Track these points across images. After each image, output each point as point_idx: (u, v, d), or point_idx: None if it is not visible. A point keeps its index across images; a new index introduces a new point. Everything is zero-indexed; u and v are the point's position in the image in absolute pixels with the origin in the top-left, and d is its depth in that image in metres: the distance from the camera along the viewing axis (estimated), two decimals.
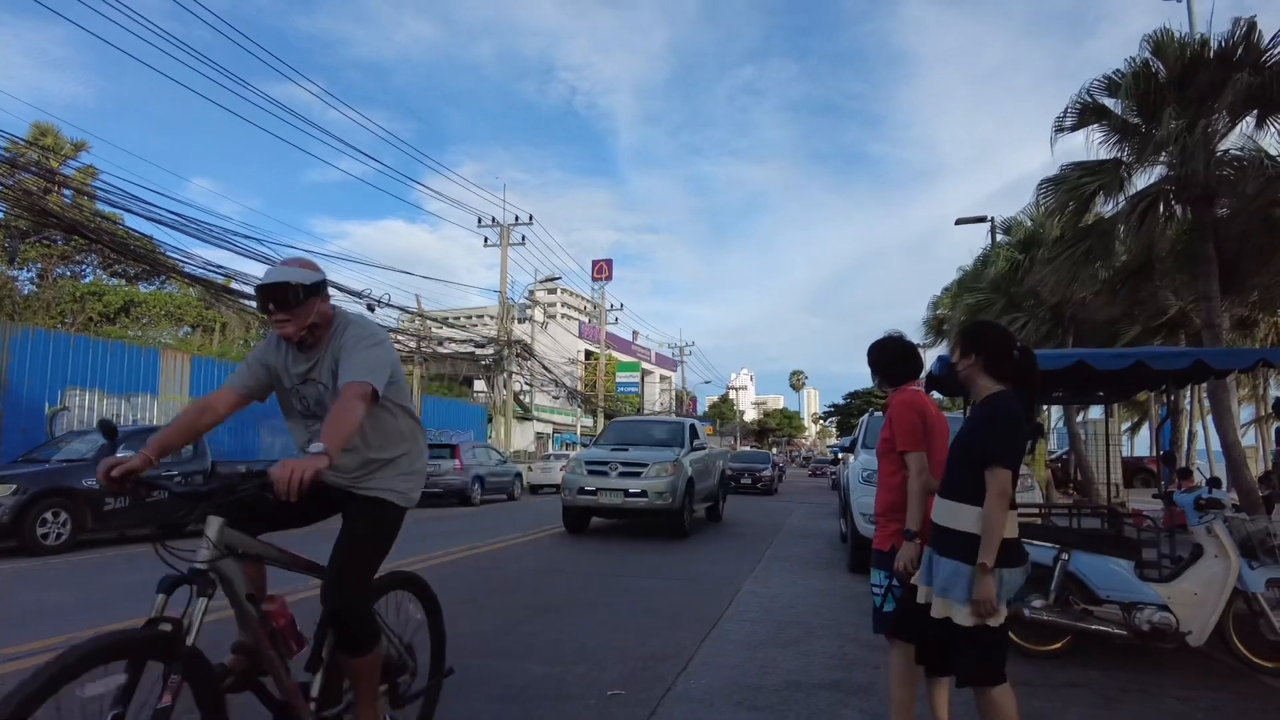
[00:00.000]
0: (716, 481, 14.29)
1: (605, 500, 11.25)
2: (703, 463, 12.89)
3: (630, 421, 15.63)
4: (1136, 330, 16.07)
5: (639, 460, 11.40)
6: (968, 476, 2.73)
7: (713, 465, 14.06)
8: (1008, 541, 2.66)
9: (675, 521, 11.44)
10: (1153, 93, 10.75)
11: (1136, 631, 4.70)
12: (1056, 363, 5.83)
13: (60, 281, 27.47)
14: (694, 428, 13.38)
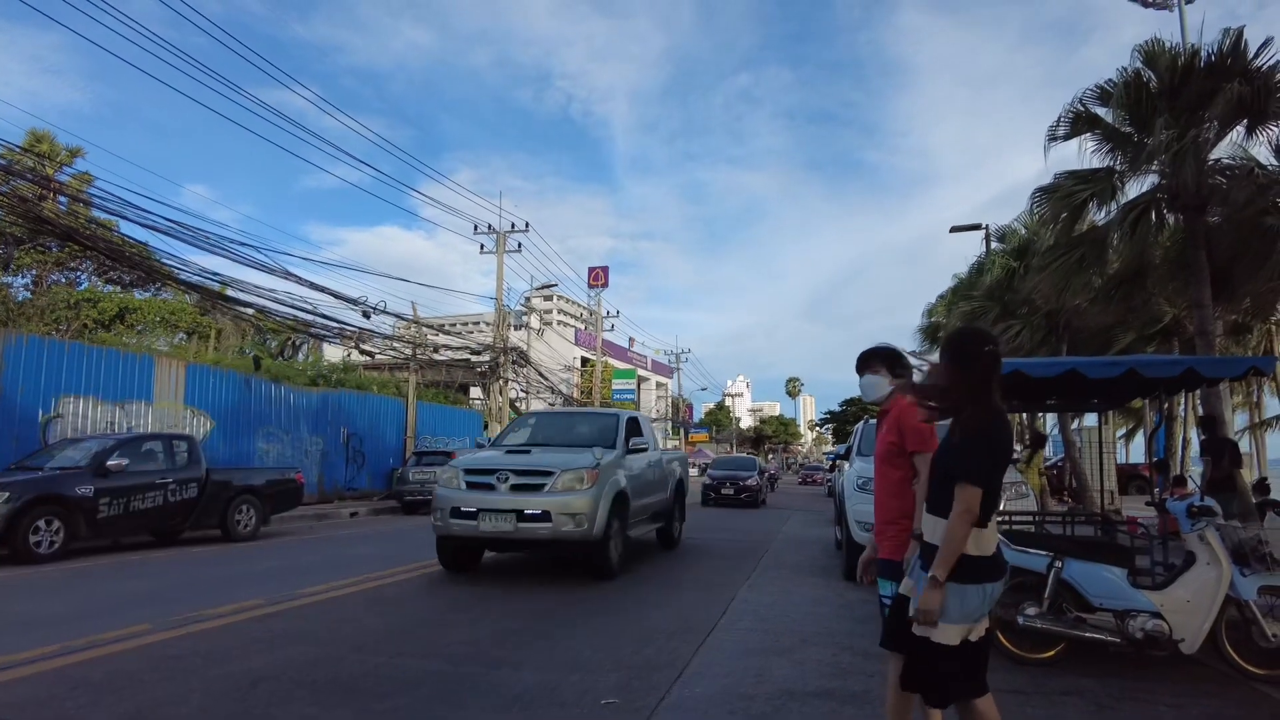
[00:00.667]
0: (670, 495, 10.89)
1: (488, 527, 7.74)
2: (645, 470, 9.79)
3: (549, 414, 12.44)
4: (1131, 337, 16.14)
5: (540, 466, 8.06)
6: (945, 491, 2.69)
7: (662, 473, 10.64)
8: (983, 557, 2.64)
9: (595, 557, 8.10)
10: (1144, 102, 10.84)
11: (1130, 639, 4.72)
12: (1050, 371, 5.86)
13: (55, 288, 27.39)
14: (634, 422, 10.20)
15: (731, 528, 15.18)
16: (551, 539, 7.81)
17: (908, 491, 3.24)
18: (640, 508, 9.36)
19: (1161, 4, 20.03)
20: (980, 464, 2.63)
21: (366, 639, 5.45)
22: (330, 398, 20.82)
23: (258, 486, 12.27)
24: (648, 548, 11.31)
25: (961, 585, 2.60)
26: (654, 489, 10.14)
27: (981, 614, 2.67)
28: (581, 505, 7.74)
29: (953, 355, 2.83)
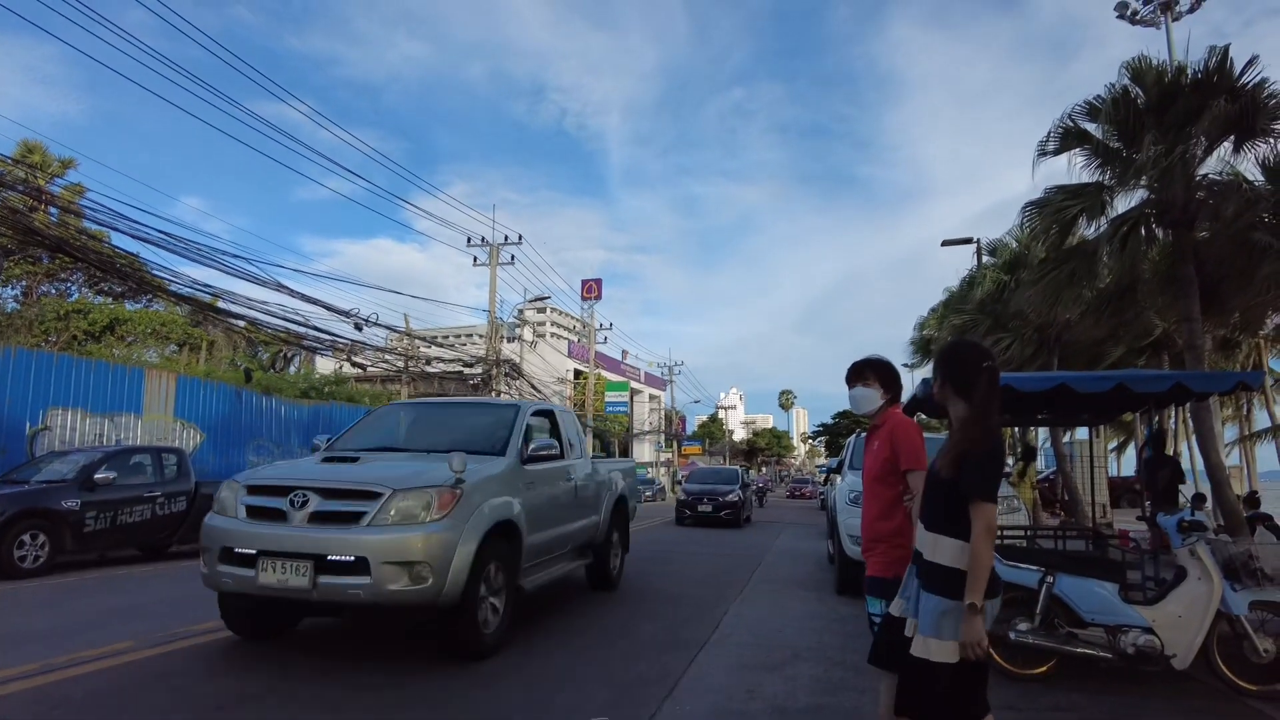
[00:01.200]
0: (603, 518, 8.09)
1: (271, 579, 4.84)
2: (558, 487, 6.96)
3: (421, 405, 9.01)
4: (1121, 351, 16.22)
5: (361, 483, 5.15)
6: (947, 507, 2.65)
7: (589, 491, 7.82)
8: None
9: (451, 628, 5.17)
10: (1132, 118, 10.93)
11: (1122, 654, 4.71)
12: (1040, 385, 5.88)
13: (45, 300, 27.27)
14: (544, 418, 7.36)
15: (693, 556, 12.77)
16: (373, 600, 4.74)
17: (897, 511, 3.19)
18: (550, 541, 6.52)
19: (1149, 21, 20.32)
20: (993, 481, 2.61)
21: (366, 648, 5.39)
22: (322, 410, 20.72)
23: None
24: (637, 555, 11.21)
25: (956, 601, 2.55)
26: (574, 512, 7.25)
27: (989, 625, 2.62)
28: (423, 548, 4.76)
29: (951, 371, 2.82)
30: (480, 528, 5.18)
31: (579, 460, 7.77)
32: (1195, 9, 19.74)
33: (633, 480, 9.76)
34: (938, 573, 2.63)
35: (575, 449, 7.79)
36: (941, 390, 2.86)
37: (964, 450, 2.62)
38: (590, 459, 8.36)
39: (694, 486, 21.49)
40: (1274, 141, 10.47)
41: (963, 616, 2.51)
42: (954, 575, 2.58)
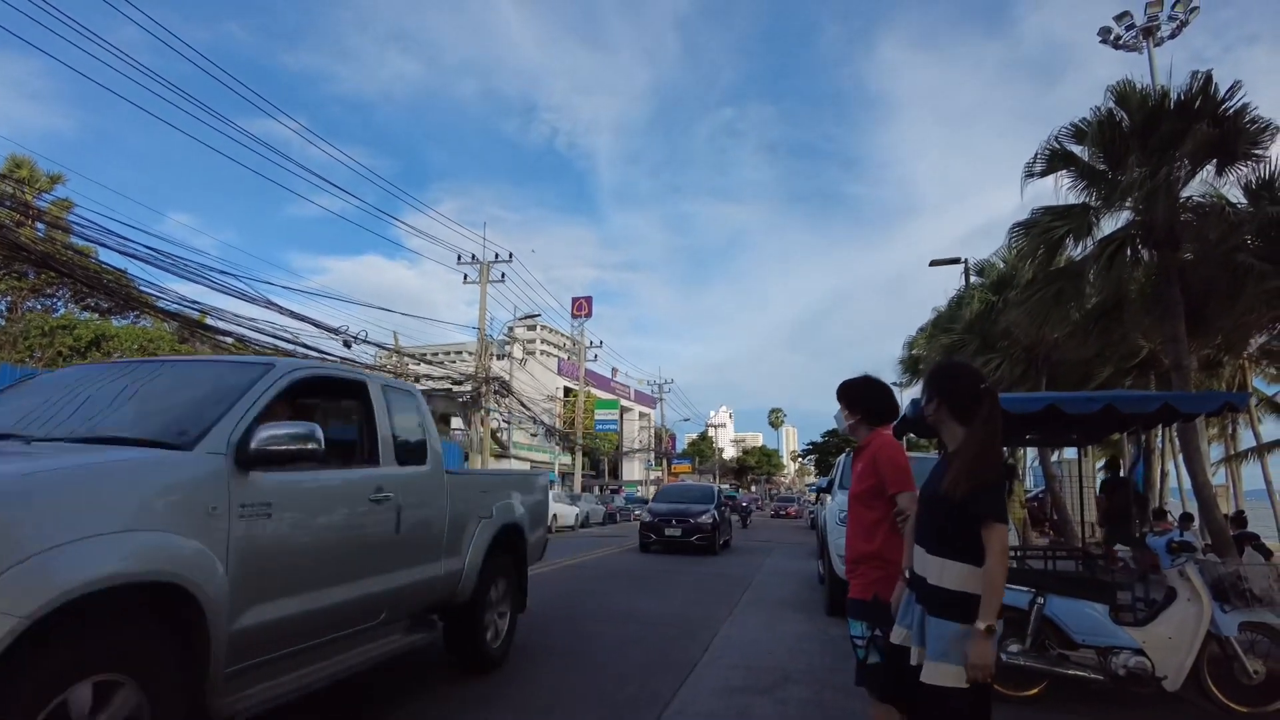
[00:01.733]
0: (469, 565, 5.20)
1: None
2: (339, 515, 3.93)
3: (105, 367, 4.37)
4: (1109, 371, 16.31)
5: None
6: (953, 530, 2.60)
7: (433, 522, 4.81)
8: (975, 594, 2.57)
9: None
10: (1117, 141, 11.07)
11: (1113, 676, 4.69)
12: (1030, 405, 5.89)
13: (29, 315, 27.03)
14: (358, 392, 4.49)
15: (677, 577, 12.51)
16: None
17: (879, 532, 3.15)
18: (314, 614, 3.65)
19: (1131, 46, 20.68)
20: (1004, 503, 2.59)
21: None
22: None
23: None
24: (622, 576, 11.10)
25: (969, 625, 2.50)
26: (390, 556, 4.31)
27: None
28: None
29: (948, 393, 2.79)
30: None
31: (412, 469, 4.68)
32: (1176, 35, 20.12)
33: (537, 501, 6.61)
34: (945, 597, 2.58)
35: (396, 449, 4.54)
36: (936, 412, 2.81)
37: (981, 480, 2.56)
38: (444, 468, 5.12)
39: (661, 506, 18.46)
40: (1256, 165, 10.63)
41: (973, 639, 2.46)
42: (962, 599, 2.54)
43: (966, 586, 2.54)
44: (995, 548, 2.50)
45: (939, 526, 2.65)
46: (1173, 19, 20.03)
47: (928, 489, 2.80)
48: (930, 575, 2.63)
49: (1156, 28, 20.21)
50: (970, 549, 2.55)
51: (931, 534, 2.68)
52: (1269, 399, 21.57)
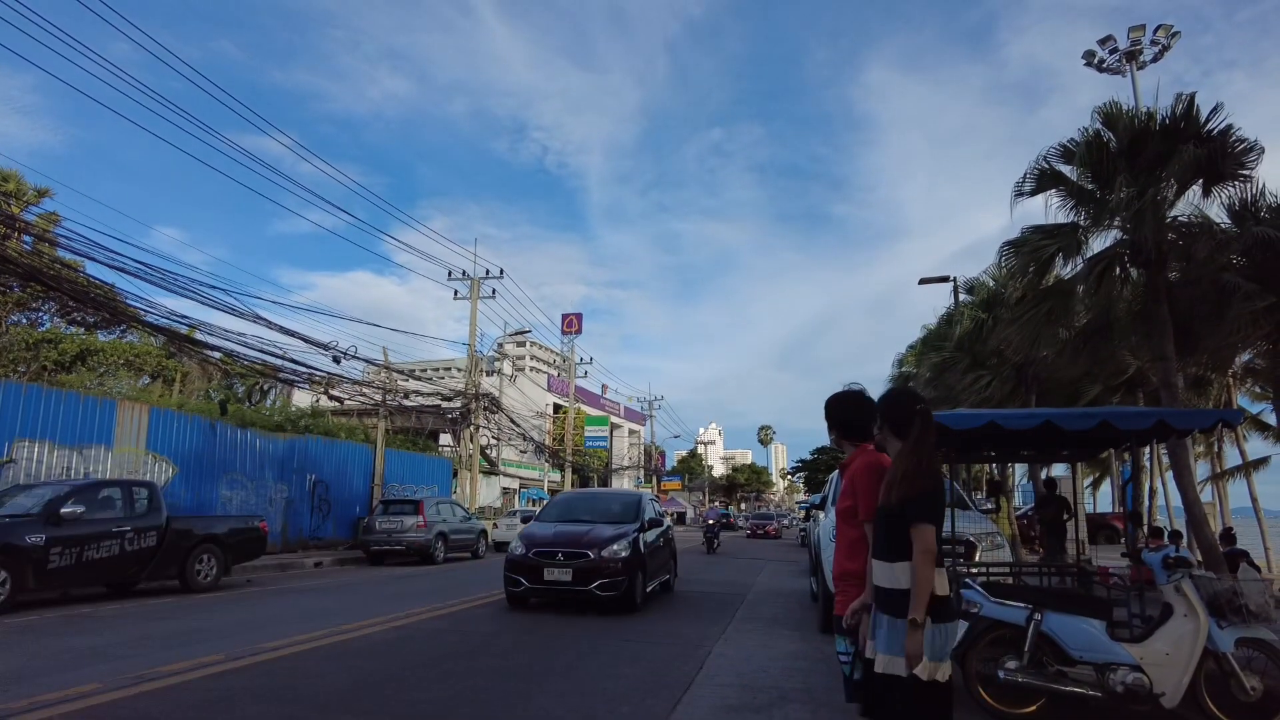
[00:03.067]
0: None
1: None
2: None
3: None
4: (1098, 389, 16.43)
5: None
6: (896, 535, 2.80)
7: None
8: (939, 598, 2.72)
9: None
10: (1105, 161, 11.22)
11: (1111, 693, 4.67)
12: (1025, 423, 5.90)
13: (14, 329, 26.75)
14: None
15: None
16: None
17: (862, 550, 3.14)
18: None
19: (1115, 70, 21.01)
20: (932, 507, 2.78)
21: (331, 697, 5.22)
22: (297, 444, 20.39)
23: (220, 535, 11.89)
24: None
25: (932, 625, 2.69)
26: None
27: (947, 653, 2.72)
28: None
29: (888, 415, 3.03)
30: None
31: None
32: (1159, 59, 20.46)
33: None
34: (896, 596, 2.77)
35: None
36: (880, 432, 3.09)
37: (913, 488, 2.79)
38: None
39: (542, 530, 10.67)
40: (1242, 185, 10.78)
41: (906, 631, 2.67)
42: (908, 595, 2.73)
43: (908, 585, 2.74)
44: (920, 547, 2.71)
45: (885, 535, 2.87)
46: (1154, 44, 20.38)
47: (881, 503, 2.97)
48: (885, 581, 2.84)
49: (1139, 52, 20.55)
50: (906, 548, 2.77)
51: (881, 543, 2.89)
52: (1254, 417, 21.73)
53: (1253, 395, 21.11)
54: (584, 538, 9.92)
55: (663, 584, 11.85)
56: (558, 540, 9.95)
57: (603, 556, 9.59)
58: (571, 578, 9.50)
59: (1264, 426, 21.41)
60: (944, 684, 2.69)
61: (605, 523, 10.61)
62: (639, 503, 11.41)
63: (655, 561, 11.01)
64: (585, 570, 9.50)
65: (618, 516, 10.90)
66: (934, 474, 2.87)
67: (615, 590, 9.51)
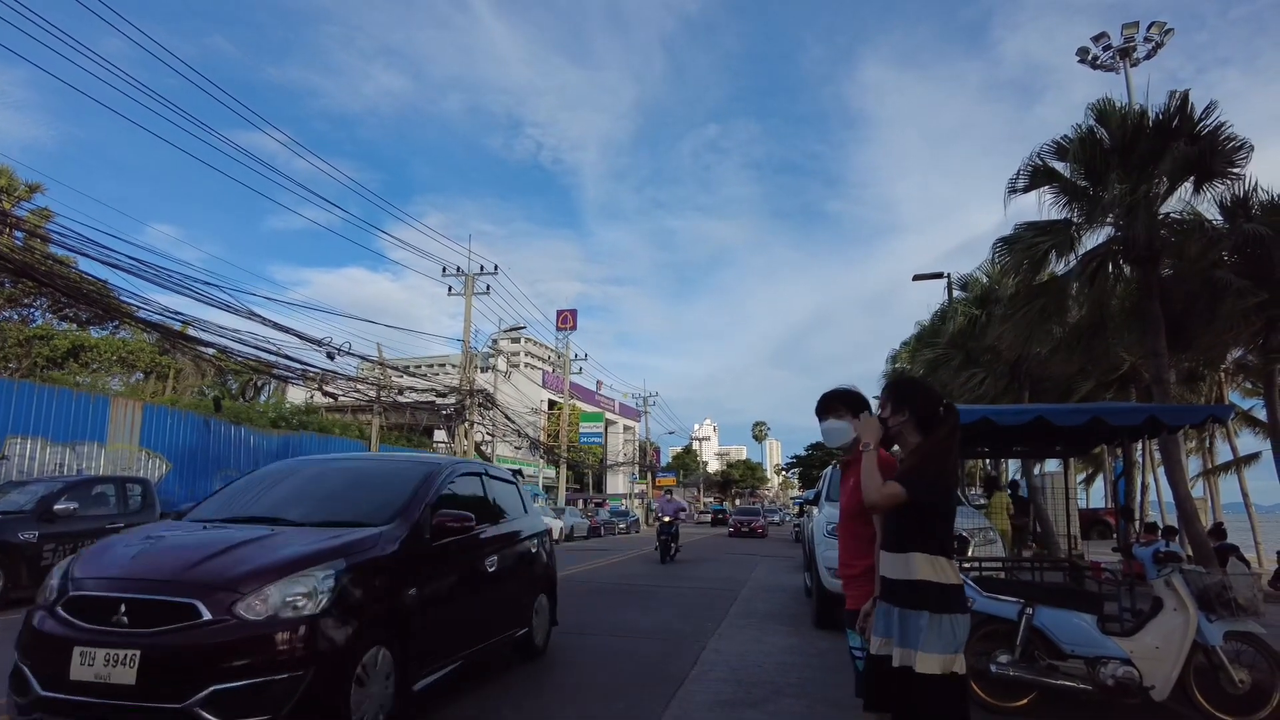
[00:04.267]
0: None
1: None
2: None
3: None
4: (1091, 385, 16.50)
5: None
6: (912, 522, 2.78)
7: None
8: (953, 587, 2.73)
9: None
10: (1098, 158, 11.26)
11: (1101, 686, 4.71)
12: (1017, 418, 5.93)
13: (5, 325, 26.65)
14: None
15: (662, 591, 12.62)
16: None
17: (872, 546, 3.14)
18: None
19: (1109, 66, 21.08)
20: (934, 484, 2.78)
21: None
22: (292, 440, 20.40)
23: None
24: (612, 590, 11.01)
25: (941, 615, 2.68)
26: None
27: (960, 645, 2.70)
28: None
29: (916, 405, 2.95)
30: None
31: None
32: (1152, 56, 20.53)
33: None
34: (910, 587, 2.75)
35: None
36: (904, 422, 2.95)
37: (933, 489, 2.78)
38: None
39: (124, 550, 4.09)
40: (1232, 183, 10.84)
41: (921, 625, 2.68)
42: (924, 587, 2.72)
43: (931, 576, 2.72)
44: (877, 480, 2.79)
45: (896, 525, 2.84)
46: (1148, 41, 20.45)
47: None
48: (896, 572, 2.81)
49: (1133, 49, 20.63)
50: (924, 537, 2.75)
51: (891, 534, 2.87)
52: (1245, 413, 21.87)
53: (1244, 391, 21.27)
54: (197, 567, 3.82)
55: (516, 642, 6.17)
56: (132, 575, 3.84)
57: (241, 615, 3.60)
58: (136, 680, 3.39)
59: (1255, 422, 21.56)
60: (959, 676, 2.67)
61: (315, 524, 4.54)
62: (425, 480, 5.16)
63: (458, 613, 5.08)
64: (171, 657, 3.48)
65: (354, 511, 4.75)
66: (954, 474, 2.88)
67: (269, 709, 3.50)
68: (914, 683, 2.68)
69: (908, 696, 2.76)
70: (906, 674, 2.72)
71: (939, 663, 2.64)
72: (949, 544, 2.81)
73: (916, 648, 2.68)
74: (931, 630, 2.67)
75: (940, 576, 2.72)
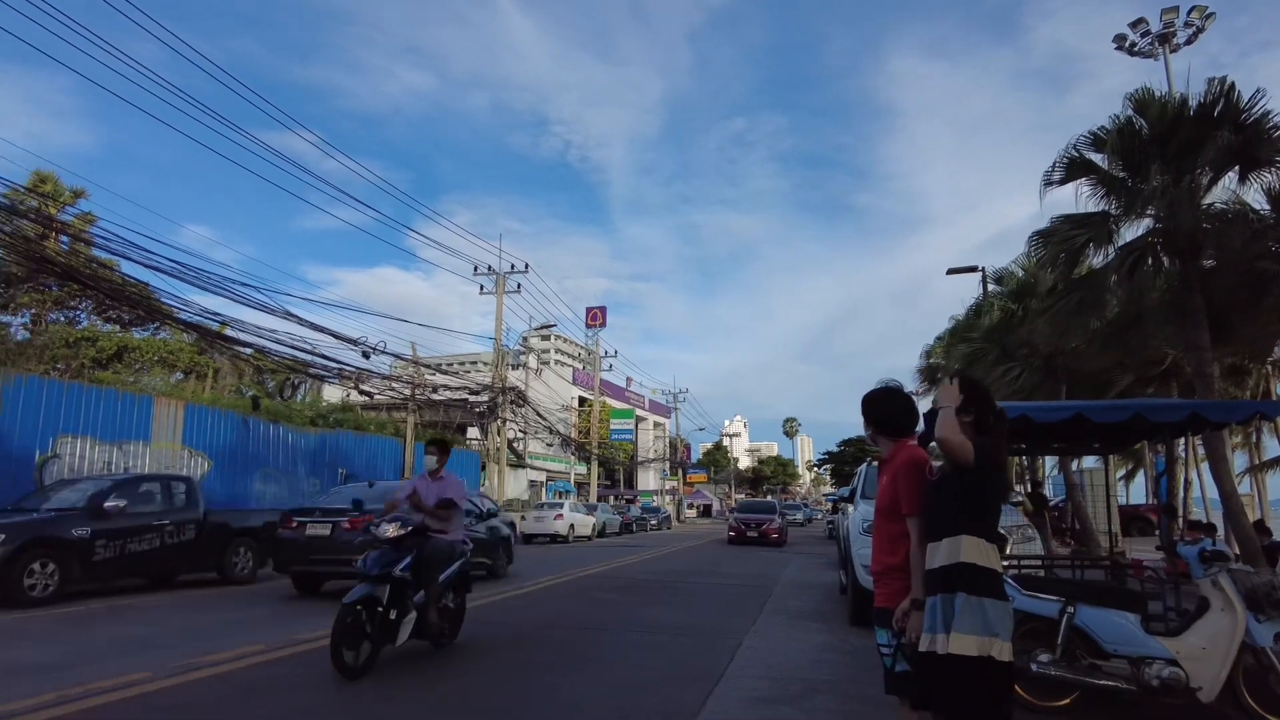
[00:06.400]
0: None
1: None
2: None
3: None
4: (1130, 380, 16.17)
5: None
6: (960, 508, 2.82)
7: None
8: (993, 573, 2.76)
9: None
10: (1137, 149, 11.03)
11: (1146, 687, 4.64)
12: (1054, 415, 5.87)
13: (53, 327, 27.40)
14: None
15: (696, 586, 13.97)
16: None
17: (903, 545, 3.17)
18: None
19: (1147, 53, 20.59)
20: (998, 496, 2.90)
21: (365, 686, 5.34)
22: (329, 438, 20.71)
23: (256, 528, 12.14)
24: (647, 591, 11.07)
25: (978, 598, 2.70)
26: None
27: (996, 630, 2.68)
28: None
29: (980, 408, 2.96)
30: None
31: None
32: (1193, 41, 20.02)
33: None
34: (954, 572, 2.77)
35: None
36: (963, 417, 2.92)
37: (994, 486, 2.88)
38: None
39: None
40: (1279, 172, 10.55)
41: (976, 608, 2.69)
42: (970, 570, 2.74)
43: (972, 557, 2.75)
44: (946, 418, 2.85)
45: (950, 510, 2.86)
46: (1188, 25, 19.93)
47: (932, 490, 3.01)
48: (940, 560, 2.83)
49: (1172, 34, 20.12)
50: (974, 522, 2.79)
51: (942, 520, 2.88)
52: None
53: None
54: None
55: None
56: None
57: None
58: None
59: None
60: (998, 665, 2.65)
61: None
62: None
63: None
64: None
65: None
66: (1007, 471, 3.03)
67: None
68: (942, 665, 2.69)
69: (933, 683, 2.77)
70: (931, 659, 2.73)
71: (974, 644, 2.63)
72: (995, 533, 2.84)
73: (949, 630, 2.70)
74: (966, 611, 2.68)
75: (984, 560, 2.75)
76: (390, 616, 5.84)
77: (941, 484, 2.96)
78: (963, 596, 2.71)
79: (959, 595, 2.72)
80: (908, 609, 3.02)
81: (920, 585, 3.00)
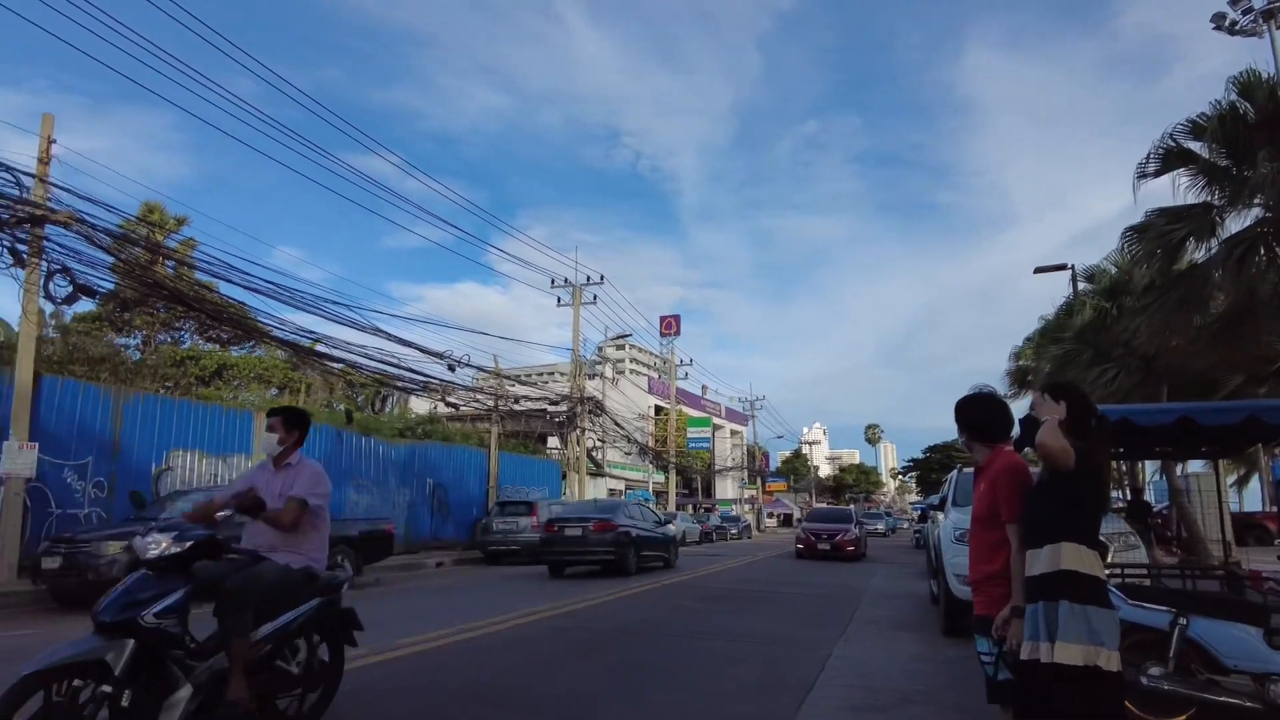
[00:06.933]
0: None
1: None
2: None
3: None
4: (1240, 379, 15.27)
5: None
6: (1061, 515, 2.80)
7: None
8: (1097, 580, 2.73)
9: None
10: (1242, 135, 10.48)
11: (1273, 705, 4.40)
12: (1161, 419, 5.63)
13: (161, 348, 29.21)
14: None
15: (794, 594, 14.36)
16: None
17: (1001, 552, 3.15)
18: None
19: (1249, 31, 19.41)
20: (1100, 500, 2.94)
21: (467, 691, 5.53)
22: (417, 449, 21.41)
23: (352, 537, 12.65)
24: (733, 599, 11.05)
25: (1082, 606, 2.66)
26: None
27: (1102, 639, 2.64)
28: None
29: (1081, 414, 2.95)
30: None
31: None
32: None
33: None
34: (1055, 580, 2.74)
35: None
36: (1065, 423, 2.89)
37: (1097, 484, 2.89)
38: None
39: None
40: None
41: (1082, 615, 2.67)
42: (1073, 578, 2.71)
43: (1073, 564, 2.72)
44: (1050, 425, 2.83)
45: (1049, 516, 2.84)
46: None
47: (1033, 495, 3.00)
48: (1041, 567, 2.80)
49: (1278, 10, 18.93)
50: (1075, 529, 2.77)
51: (1042, 528, 2.86)
52: None
53: None
54: None
55: None
56: None
57: None
58: None
59: None
60: (1106, 675, 2.61)
61: None
62: None
63: None
64: None
65: None
66: (1109, 476, 3.05)
67: None
68: (1047, 675, 2.64)
69: (1036, 693, 2.72)
70: (1034, 668, 2.69)
71: (1080, 653, 2.59)
72: (1097, 540, 2.81)
73: (1054, 639, 2.65)
74: (1070, 619, 2.63)
75: (1085, 567, 2.72)
76: (124, 700, 3.34)
77: (1041, 490, 2.94)
78: (1066, 604, 2.67)
79: (1062, 603, 2.67)
80: (1008, 617, 3.00)
81: (1021, 593, 2.97)
